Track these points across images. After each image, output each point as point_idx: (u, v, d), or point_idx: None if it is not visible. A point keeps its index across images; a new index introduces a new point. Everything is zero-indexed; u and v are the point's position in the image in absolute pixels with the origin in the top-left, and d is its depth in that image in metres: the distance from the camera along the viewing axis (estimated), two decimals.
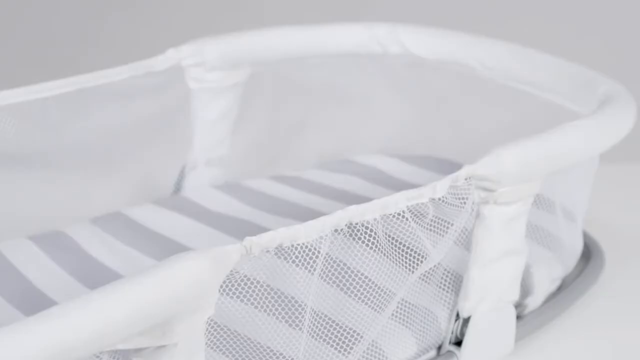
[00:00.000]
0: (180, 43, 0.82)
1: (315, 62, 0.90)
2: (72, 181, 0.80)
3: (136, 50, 1.00)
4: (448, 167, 0.89)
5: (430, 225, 0.61)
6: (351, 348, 0.60)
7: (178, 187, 0.87)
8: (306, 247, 0.55)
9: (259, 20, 0.91)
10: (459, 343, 0.67)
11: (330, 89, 0.92)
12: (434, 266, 0.63)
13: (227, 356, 0.57)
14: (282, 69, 0.89)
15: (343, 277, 0.59)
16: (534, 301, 0.72)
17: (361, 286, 0.60)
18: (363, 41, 0.90)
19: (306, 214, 0.83)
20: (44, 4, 1.43)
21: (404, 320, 0.64)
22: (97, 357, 0.49)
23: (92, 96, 0.77)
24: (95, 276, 0.73)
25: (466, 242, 0.65)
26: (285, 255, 0.55)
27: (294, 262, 0.55)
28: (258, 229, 0.79)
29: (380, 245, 0.58)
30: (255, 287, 0.54)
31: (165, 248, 0.78)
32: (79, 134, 0.78)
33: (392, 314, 0.63)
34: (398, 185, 0.90)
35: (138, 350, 0.49)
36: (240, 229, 0.81)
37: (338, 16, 0.94)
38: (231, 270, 0.52)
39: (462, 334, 0.66)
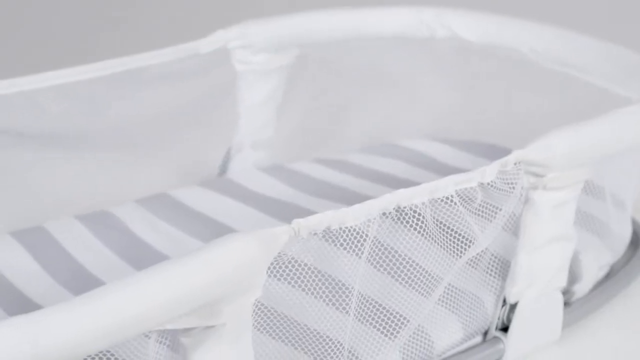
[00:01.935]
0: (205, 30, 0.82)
1: (361, 45, 0.89)
2: (118, 162, 0.80)
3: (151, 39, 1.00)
4: (493, 151, 0.89)
5: (479, 210, 0.60)
6: (397, 332, 0.60)
7: (223, 169, 0.88)
8: (354, 230, 0.55)
9: (291, 5, 0.90)
10: (505, 329, 0.66)
11: (375, 72, 0.92)
12: (482, 251, 0.63)
13: (274, 338, 0.57)
14: (328, 52, 0.88)
15: (390, 260, 0.59)
16: (581, 288, 0.71)
17: (408, 270, 0.60)
18: (410, 24, 0.90)
19: (351, 197, 0.83)
20: None
21: (450, 305, 0.63)
22: (146, 336, 0.49)
23: (138, 77, 0.78)
24: (141, 256, 0.74)
25: (514, 227, 0.64)
26: (333, 238, 0.55)
27: (341, 245, 0.55)
28: (303, 212, 0.79)
29: (428, 229, 0.58)
30: (303, 269, 0.54)
31: (211, 229, 0.78)
32: (124, 115, 0.78)
33: (439, 299, 0.63)
34: (442, 169, 0.89)
35: (186, 330, 0.49)
36: (285, 212, 0.81)
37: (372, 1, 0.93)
38: (279, 253, 0.52)
39: (509, 320, 0.66)
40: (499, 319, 0.66)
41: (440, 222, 0.59)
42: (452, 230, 0.60)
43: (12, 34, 1.40)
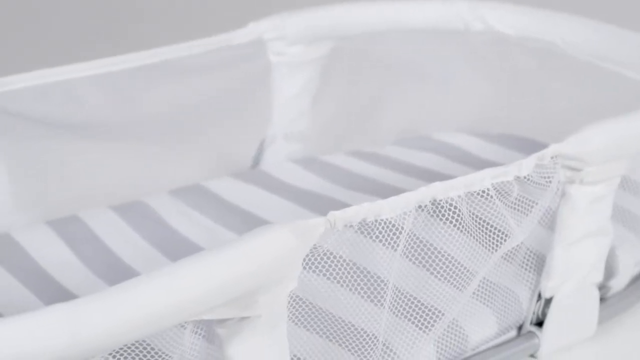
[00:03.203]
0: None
1: (395, 37, 0.89)
2: (152, 153, 0.81)
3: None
4: (528, 145, 0.88)
5: (515, 203, 0.60)
6: (432, 326, 0.59)
7: (256, 161, 0.88)
8: (390, 223, 0.55)
9: None
10: (540, 324, 0.66)
11: (410, 65, 0.91)
12: (517, 246, 0.63)
13: (309, 330, 0.57)
14: (363, 44, 0.88)
15: (426, 254, 0.59)
16: (617, 284, 0.70)
17: (444, 264, 0.59)
18: (445, 17, 0.89)
19: (384, 190, 0.83)
20: None
21: (485, 299, 0.63)
22: (182, 327, 0.49)
23: (173, 68, 0.78)
24: (175, 247, 0.74)
25: (550, 221, 0.64)
26: (369, 230, 0.54)
27: (377, 237, 0.55)
28: (336, 204, 0.79)
29: (463, 223, 0.58)
30: (338, 262, 0.54)
31: (244, 221, 0.78)
32: (158, 105, 0.79)
33: (474, 293, 0.62)
34: (477, 163, 0.89)
35: (222, 321, 0.49)
36: (317, 204, 0.81)
37: None
38: (314, 245, 0.52)
39: (544, 314, 0.66)
40: (533, 313, 0.66)
41: (476, 216, 0.59)
42: (488, 224, 0.59)
43: (50, 20, 1.41)
